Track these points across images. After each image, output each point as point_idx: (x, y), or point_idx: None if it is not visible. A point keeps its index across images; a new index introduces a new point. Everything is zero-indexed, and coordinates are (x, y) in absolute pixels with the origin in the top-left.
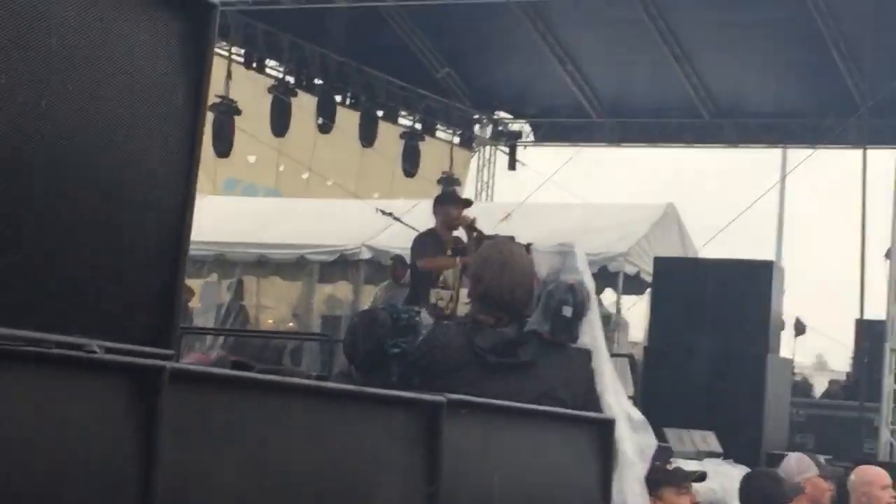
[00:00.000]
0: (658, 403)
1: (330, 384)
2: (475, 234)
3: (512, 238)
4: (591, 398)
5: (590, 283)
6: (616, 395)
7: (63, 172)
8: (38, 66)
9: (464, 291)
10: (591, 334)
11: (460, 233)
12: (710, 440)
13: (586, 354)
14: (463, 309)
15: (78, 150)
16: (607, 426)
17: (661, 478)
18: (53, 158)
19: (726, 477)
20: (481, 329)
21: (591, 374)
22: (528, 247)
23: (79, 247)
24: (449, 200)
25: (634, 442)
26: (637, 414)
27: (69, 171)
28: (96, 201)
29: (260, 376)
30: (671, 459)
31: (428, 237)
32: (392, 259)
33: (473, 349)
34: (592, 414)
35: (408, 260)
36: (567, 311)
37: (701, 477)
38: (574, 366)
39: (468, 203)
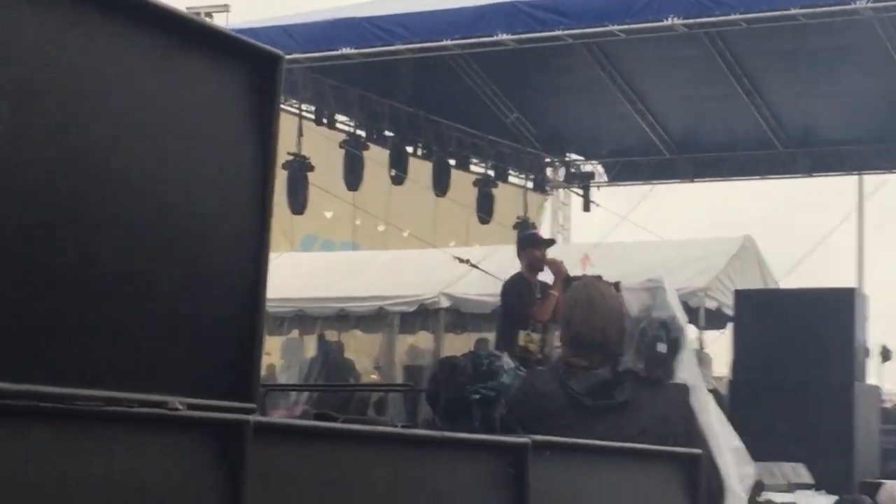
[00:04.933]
0: (745, 437)
1: (413, 430)
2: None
3: (599, 277)
4: (691, 433)
5: (682, 319)
6: (721, 427)
7: (134, 234)
8: (107, 127)
9: (556, 335)
10: (689, 370)
11: (546, 275)
12: (801, 472)
13: (684, 390)
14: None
15: (148, 211)
16: (694, 461)
17: None
18: (123, 220)
19: None
20: (575, 372)
21: (690, 409)
22: (616, 285)
23: (157, 308)
24: (532, 243)
25: (737, 473)
26: (739, 444)
27: (140, 233)
28: (170, 263)
29: (342, 426)
30: (762, 493)
31: (518, 281)
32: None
33: (569, 393)
34: (678, 449)
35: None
36: (661, 348)
37: None
38: (671, 402)
39: (551, 242)
